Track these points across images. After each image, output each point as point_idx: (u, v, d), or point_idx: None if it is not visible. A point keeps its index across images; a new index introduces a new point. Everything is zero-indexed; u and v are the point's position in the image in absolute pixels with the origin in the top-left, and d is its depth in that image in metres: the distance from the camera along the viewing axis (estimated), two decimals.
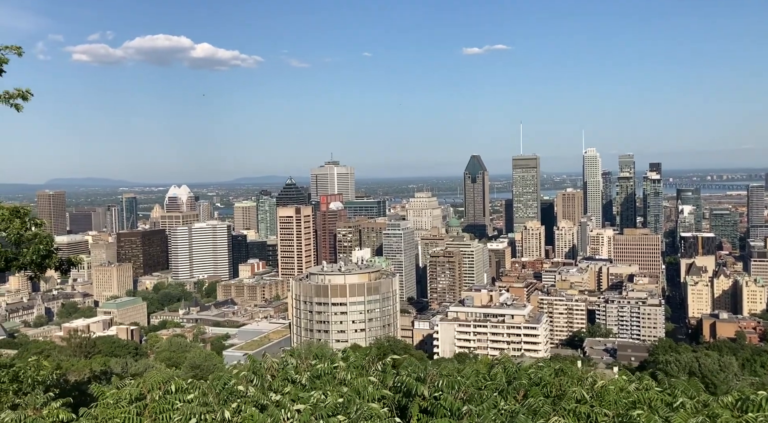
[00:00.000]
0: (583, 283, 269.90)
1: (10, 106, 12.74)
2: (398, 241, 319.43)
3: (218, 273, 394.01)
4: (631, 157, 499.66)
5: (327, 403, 7.32)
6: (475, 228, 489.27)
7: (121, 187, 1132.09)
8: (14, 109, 13.19)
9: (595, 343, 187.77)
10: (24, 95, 12.79)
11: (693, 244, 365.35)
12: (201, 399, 7.59)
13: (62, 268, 14.25)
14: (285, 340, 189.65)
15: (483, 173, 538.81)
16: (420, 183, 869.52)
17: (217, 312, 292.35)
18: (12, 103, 12.77)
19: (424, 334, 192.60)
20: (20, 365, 14.07)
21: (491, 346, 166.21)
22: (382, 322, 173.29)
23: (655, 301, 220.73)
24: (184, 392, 8.12)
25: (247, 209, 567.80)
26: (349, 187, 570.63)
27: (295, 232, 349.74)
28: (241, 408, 7.69)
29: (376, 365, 8.99)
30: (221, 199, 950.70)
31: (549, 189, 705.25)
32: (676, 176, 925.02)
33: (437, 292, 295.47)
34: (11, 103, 12.74)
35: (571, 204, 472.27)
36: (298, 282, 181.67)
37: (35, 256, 12.85)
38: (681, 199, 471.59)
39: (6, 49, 12.66)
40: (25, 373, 13.77)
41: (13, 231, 12.63)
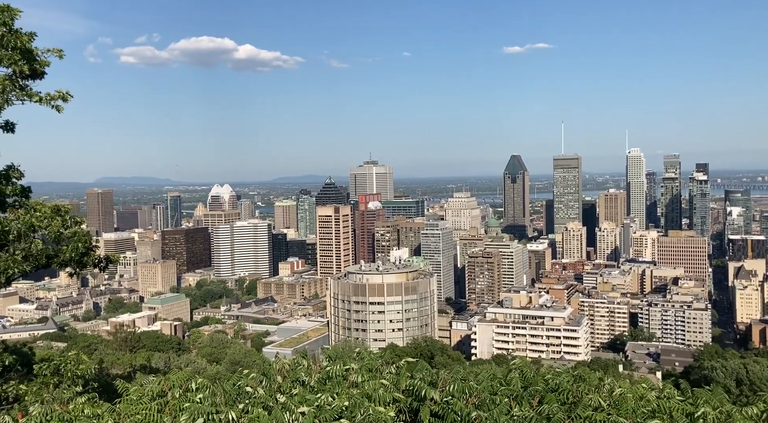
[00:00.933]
0: (626, 286, 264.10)
1: (51, 108, 13.24)
2: (436, 241, 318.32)
3: (259, 271, 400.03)
4: (677, 157, 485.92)
5: (333, 405, 7.39)
6: (514, 228, 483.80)
7: (166, 186, 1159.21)
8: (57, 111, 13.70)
9: (637, 347, 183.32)
10: (64, 97, 13.28)
11: (742, 247, 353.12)
12: (210, 399, 7.72)
13: (100, 265, 14.80)
14: (323, 338, 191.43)
15: (523, 173, 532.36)
16: (459, 183, 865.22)
17: (257, 309, 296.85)
18: (53, 105, 13.26)
19: (461, 335, 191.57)
20: (61, 359, 14.66)
21: (530, 349, 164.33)
22: (420, 322, 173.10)
23: (701, 305, 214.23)
24: (198, 391, 8.34)
25: (287, 208, 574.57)
26: (388, 186, 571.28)
27: (334, 232, 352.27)
28: (248, 409, 7.83)
29: (389, 368, 9.03)
30: (262, 198, 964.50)
31: (591, 190, 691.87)
32: (725, 177, 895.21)
33: (475, 293, 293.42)
34: (52, 105, 13.24)
35: (614, 205, 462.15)
36: (336, 281, 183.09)
37: (74, 253, 13.39)
38: (729, 201, 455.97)
39: (48, 51, 13.17)
40: (66, 366, 14.34)
41: (53, 229, 13.19)
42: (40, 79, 13.08)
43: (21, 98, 12.80)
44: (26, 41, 12.44)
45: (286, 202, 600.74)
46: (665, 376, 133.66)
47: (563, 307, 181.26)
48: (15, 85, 12.62)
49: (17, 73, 12.50)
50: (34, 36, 12.64)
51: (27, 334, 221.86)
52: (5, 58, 12.23)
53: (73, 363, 14.43)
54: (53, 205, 13.95)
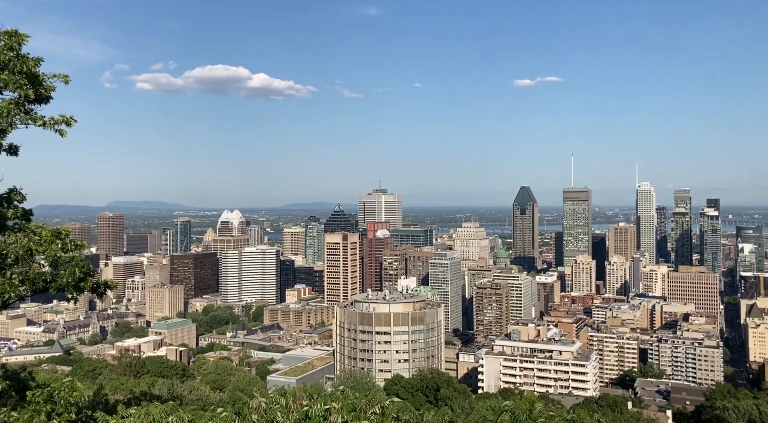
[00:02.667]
0: (635, 321, 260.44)
1: (55, 132, 13.30)
2: (444, 271, 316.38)
3: (266, 297, 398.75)
4: (687, 192, 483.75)
5: None
6: (523, 260, 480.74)
7: (176, 211, 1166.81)
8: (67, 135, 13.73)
9: (647, 384, 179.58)
10: (68, 121, 13.35)
11: (754, 284, 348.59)
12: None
13: (98, 291, 14.68)
14: (329, 367, 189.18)
15: (532, 205, 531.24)
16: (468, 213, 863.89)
17: (263, 336, 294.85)
18: (57, 129, 13.32)
19: (468, 368, 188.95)
20: (55, 386, 14.45)
21: (538, 383, 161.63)
22: (426, 353, 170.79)
23: (713, 342, 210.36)
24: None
25: (295, 235, 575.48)
26: (397, 215, 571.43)
27: (342, 259, 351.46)
28: None
29: (374, 408, 8.69)
30: (271, 224, 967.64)
31: (601, 223, 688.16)
32: (736, 213, 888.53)
33: (483, 325, 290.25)
34: (56, 129, 13.29)
35: (624, 239, 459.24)
36: (342, 309, 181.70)
37: (71, 278, 13.30)
38: (741, 237, 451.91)
39: (54, 77, 13.29)
40: (59, 394, 14.12)
41: (51, 253, 13.13)
42: (45, 103, 13.18)
43: (25, 122, 12.88)
44: (32, 66, 12.58)
45: (294, 229, 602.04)
46: (676, 414, 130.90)
47: (572, 341, 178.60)
48: (20, 109, 12.72)
49: (23, 97, 12.61)
50: (40, 61, 12.79)
51: (33, 356, 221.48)
52: (11, 83, 12.35)
53: (67, 390, 14.23)
54: (53, 228, 13.92)
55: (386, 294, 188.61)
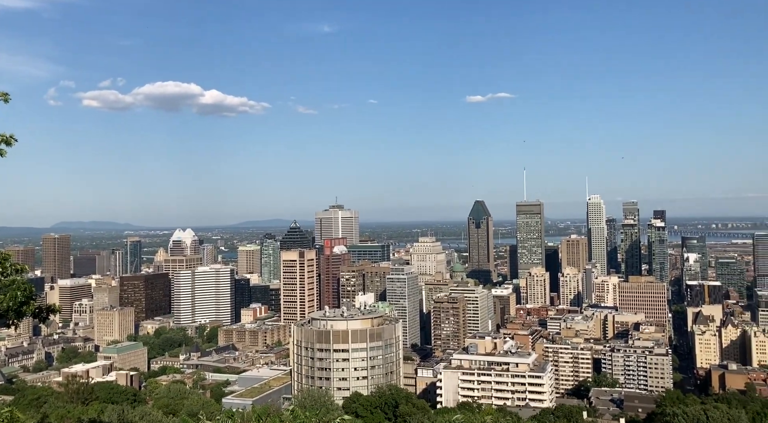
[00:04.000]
0: (589, 331, 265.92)
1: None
2: (402, 287, 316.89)
3: (220, 318, 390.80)
4: (635, 204, 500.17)
5: None
6: (479, 273, 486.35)
7: (126, 231, 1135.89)
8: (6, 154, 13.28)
9: (601, 394, 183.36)
10: (8, 141, 12.93)
11: (699, 292, 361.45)
12: None
13: (41, 315, 14.15)
14: (286, 387, 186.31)
15: (487, 219, 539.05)
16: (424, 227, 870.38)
17: (217, 358, 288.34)
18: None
19: (427, 383, 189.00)
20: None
21: (495, 396, 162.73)
22: (385, 369, 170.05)
23: (662, 350, 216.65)
24: None
25: (251, 253, 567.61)
26: (354, 230, 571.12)
27: (299, 276, 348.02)
28: None
29: None
30: (225, 242, 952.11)
31: (553, 235, 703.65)
32: (681, 224, 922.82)
33: (441, 339, 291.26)
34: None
35: (576, 250, 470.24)
36: (299, 327, 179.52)
37: (12, 303, 12.78)
38: (686, 247, 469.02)
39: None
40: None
41: None
42: None
43: None
44: None
45: (249, 247, 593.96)
46: (629, 422, 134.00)
47: (528, 353, 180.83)
48: None
49: None
50: None
51: None
52: None
53: (6, 421, 13.61)
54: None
55: (344, 311, 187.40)
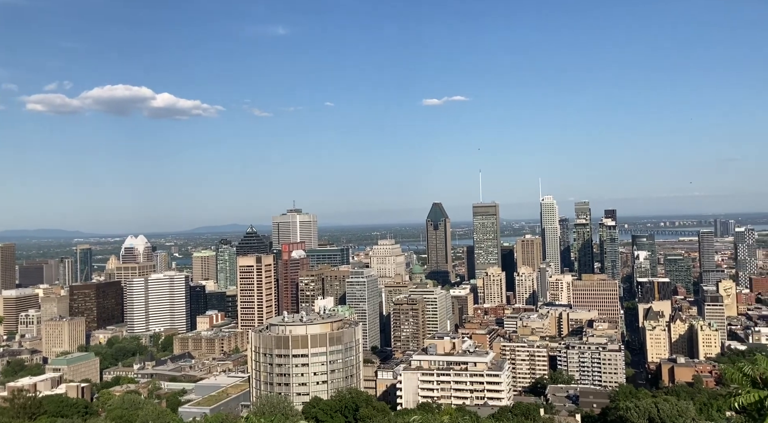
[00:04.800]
0: (544, 329, 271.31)
1: None
2: (362, 289, 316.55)
3: (175, 326, 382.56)
4: (587, 204, 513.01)
5: None
6: (438, 274, 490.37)
7: (75, 238, 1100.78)
8: None
9: (557, 390, 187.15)
10: None
11: (649, 289, 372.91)
12: None
13: None
14: (244, 394, 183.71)
15: (445, 220, 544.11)
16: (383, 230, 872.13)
17: (173, 366, 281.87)
18: None
19: (387, 385, 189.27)
20: None
21: (455, 395, 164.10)
22: (345, 373, 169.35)
23: (615, 346, 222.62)
24: None
25: (206, 259, 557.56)
26: (312, 235, 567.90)
27: (256, 282, 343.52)
28: None
29: None
30: (179, 249, 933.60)
31: (509, 235, 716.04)
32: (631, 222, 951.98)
33: (401, 341, 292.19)
34: None
35: (531, 250, 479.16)
36: (257, 333, 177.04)
37: None
38: (636, 245, 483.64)
39: None
40: None
41: None
42: None
43: None
44: None
45: (205, 253, 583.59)
46: (584, 418, 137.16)
47: (486, 352, 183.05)
48: None
49: None
50: None
51: None
52: None
53: None
54: None
55: (303, 315, 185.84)
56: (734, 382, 19.05)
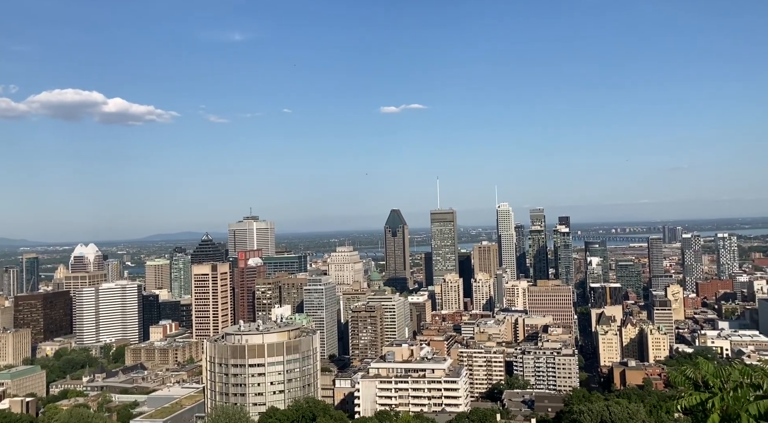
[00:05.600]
0: (501, 335, 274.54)
1: None
2: (319, 297, 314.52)
3: (127, 336, 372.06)
4: (542, 211, 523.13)
5: None
6: (396, 281, 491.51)
7: (21, 247, 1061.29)
8: None
9: (513, 395, 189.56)
10: None
11: (602, 294, 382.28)
12: None
13: None
14: (199, 405, 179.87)
15: (403, 227, 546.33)
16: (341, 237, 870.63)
17: (124, 378, 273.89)
18: None
19: (345, 393, 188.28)
20: None
21: (413, 402, 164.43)
22: (302, 382, 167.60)
23: (569, 351, 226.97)
24: None
25: (159, 268, 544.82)
26: (269, 242, 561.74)
27: (211, 291, 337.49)
28: None
29: None
30: (132, 257, 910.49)
31: (466, 242, 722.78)
32: (584, 229, 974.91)
33: (359, 348, 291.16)
34: None
35: (487, 256, 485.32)
36: (212, 343, 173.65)
37: None
38: (589, 252, 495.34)
39: None
40: None
41: None
42: None
43: None
44: None
45: (158, 261, 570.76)
46: (539, 422, 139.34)
47: (443, 359, 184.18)
48: None
49: None
50: None
51: None
52: None
53: None
54: None
55: (259, 324, 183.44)
56: (678, 384, 19.67)
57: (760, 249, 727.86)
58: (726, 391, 16.21)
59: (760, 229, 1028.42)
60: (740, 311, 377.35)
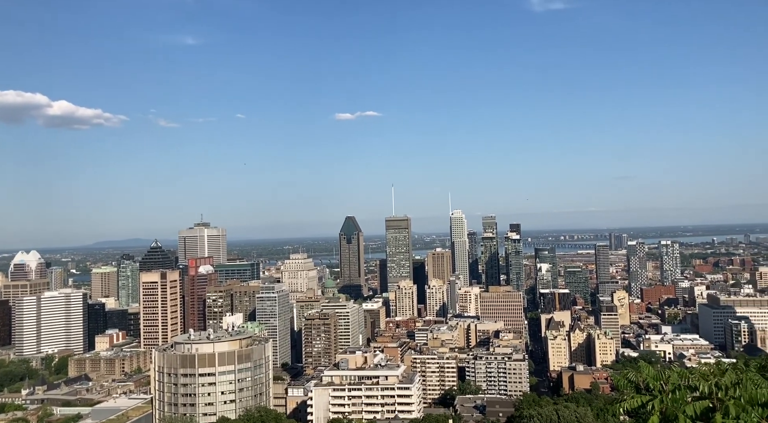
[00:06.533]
0: (454, 341, 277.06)
1: None
2: (272, 305, 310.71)
3: (71, 346, 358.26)
4: (494, 218, 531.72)
5: None
6: (350, 288, 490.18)
7: None
8: None
9: (465, 401, 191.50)
10: None
11: (551, 300, 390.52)
12: None
13: None
14: (146, 416, 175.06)
15: (358, 234, 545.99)
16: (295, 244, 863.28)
17: (67, 390, 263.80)
18: None
19: (298, 402, 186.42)
20: None
21: (366, 410, 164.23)
22: (254, 391, 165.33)
23: (520, 356, 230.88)
24: None
25: (106, 275, 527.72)
26: (221, 249, 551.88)
27: (160, 299, 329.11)
28: None
29: None
30: (77, 264, 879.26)
31: (420, 249, 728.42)
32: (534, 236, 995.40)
33: (312, 356, 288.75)
34: None
35: (441, 263, 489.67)
36: (161, 352, 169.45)
37: None
38: (539, 258, 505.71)
39: None
40: None
41: None
42: None
43: None
44: None
45: (105, 269, 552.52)
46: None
47: (397, 365, 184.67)
48: None
49: None
50: None
51: None
52: None
53: None
54: None
55: (210, 333, 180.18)
56: (621, 388, 20.38)
57: (701, 256, 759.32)
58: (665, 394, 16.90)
59: (701, 237, 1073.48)
60: (682, 316, 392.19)
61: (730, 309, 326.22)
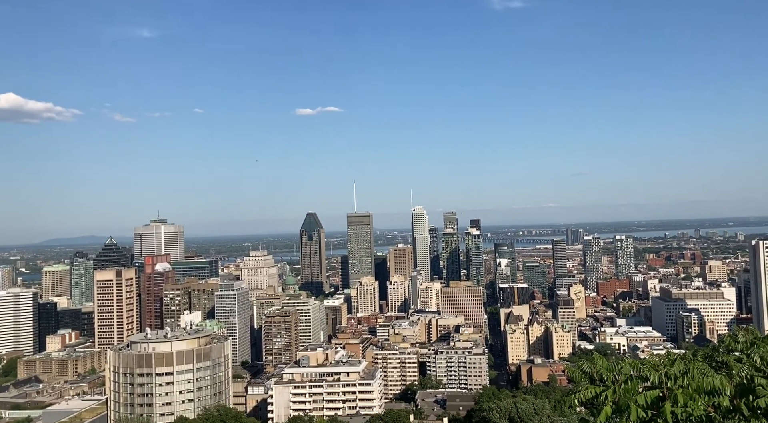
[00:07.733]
0: (415, 336, 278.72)
1: None
2: (231, 303, 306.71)
3: (20, 347, 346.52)
4: (454, 214, 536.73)
5: None
6: (312, 285, 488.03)
7: None
8: None
9: (426, 396, 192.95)
10: None
11: (510, 294, 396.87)
12: None
13: None
14: (101, 418, 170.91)
15: (319, 230, 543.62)
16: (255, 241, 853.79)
17: (16, 393, 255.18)
18: None
19: (258, 400, 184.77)
20: None
21: (327, 407, 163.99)
22: (213, 390, 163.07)
23: (480, 350, 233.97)
24: None
25: (58, 274, 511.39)
26: (178, 246, 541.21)
27: (115, 298, 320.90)
28: None
29: None
30: (27, 263, 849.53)
31: (382, 245, 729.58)
32: (494, 232, 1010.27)
33: (273, 354, 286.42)
34: None
35: (403, 259, 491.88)
36: (116, 352, 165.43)
37: None
38: (498, 253, 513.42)
39: None
40: None
41: None
42: None
43: None
44: None
45: (57, 267, 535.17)
46: (451, 421, 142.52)
47: (358, 362, 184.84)
48: None
49: None
50: None
51: None
52: None
53: None
54: None
55: (167, 332, 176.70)
56: (576, 379, 20.62)
57: (654, 250, 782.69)
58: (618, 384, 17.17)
59: (654, 232, 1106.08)
60: (636, 309, 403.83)
61: (681, 302, 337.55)
